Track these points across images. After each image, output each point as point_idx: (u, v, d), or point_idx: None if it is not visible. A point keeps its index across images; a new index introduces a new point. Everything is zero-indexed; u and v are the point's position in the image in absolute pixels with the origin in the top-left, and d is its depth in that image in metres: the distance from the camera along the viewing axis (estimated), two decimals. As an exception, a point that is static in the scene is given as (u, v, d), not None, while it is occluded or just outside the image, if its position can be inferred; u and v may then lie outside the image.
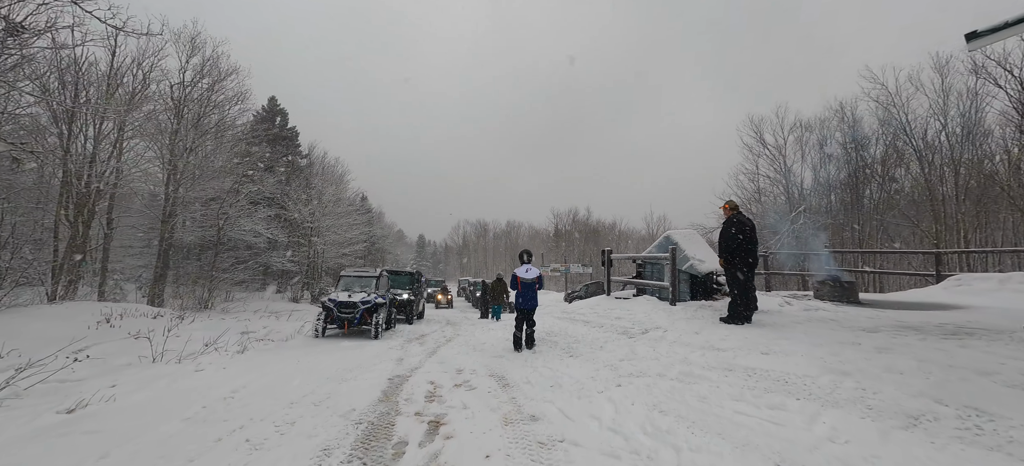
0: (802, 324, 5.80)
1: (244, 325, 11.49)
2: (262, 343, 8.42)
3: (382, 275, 10.74)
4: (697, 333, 5.60)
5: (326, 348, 8.10)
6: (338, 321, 9.31)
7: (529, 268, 6.85)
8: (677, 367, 4.54)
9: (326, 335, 9.57)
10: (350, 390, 4.97)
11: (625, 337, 6.22)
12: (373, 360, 6.80)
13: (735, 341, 5.03)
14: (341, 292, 9.77)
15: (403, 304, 13.15)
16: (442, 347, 8.12)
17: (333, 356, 7.18)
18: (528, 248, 7.02)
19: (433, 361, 6.69)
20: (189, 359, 6.62)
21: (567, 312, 9.20)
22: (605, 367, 5.15)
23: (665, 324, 6.30)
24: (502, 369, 5.78)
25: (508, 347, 7.13)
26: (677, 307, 7.07)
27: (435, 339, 9.39)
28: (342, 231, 22.91)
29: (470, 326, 12.58)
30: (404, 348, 8.13)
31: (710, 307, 7.08)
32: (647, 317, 6.88)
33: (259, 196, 20.10)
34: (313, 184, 23.23)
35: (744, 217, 6.04)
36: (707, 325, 5.93)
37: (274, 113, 32.76)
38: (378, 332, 9.21)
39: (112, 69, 13.55)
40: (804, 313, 6.70)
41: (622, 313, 7.45)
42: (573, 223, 64.26)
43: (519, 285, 6.76)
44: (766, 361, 4.19)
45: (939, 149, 17.55)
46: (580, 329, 7.36)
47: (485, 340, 8.27)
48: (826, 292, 9.04)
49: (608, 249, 9.75)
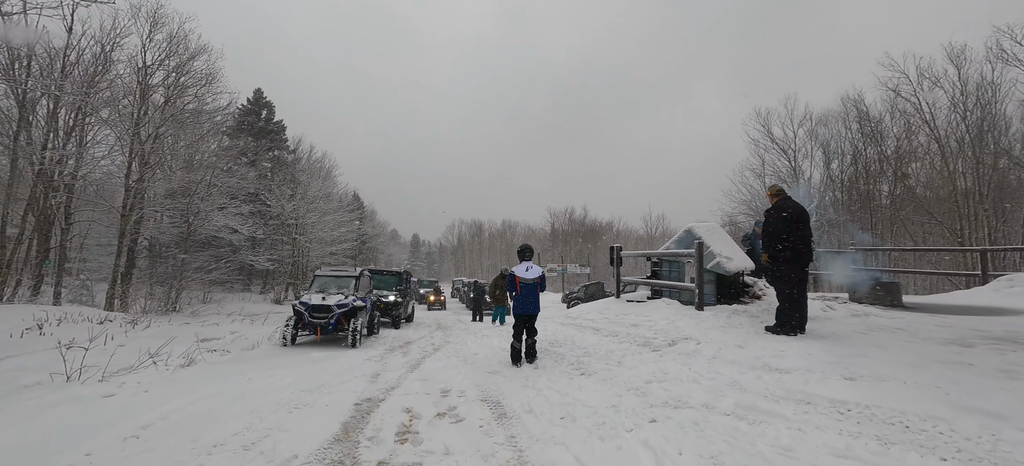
0: (867, 335, 4.73)
1: (211, 330, 10.28)
2: (218, 353, 7.23)
3: (362, 275, 9.57)
4: (741, 347, 4.49)
5: (291, 360, 6.93)
6: (310, 327, 8.14)
7: (530, 266, 5.74)
8: (730, 395, 3.43)
9: (297, 343, 8.39)
10: (300, 423, 3.83)
11: (648, 350, 5.11)
12: (342, 376, 5.65)
13: (796, 359, 3.93)
14: (314, 294, 8.59)
15: (389, 306, 11.98)
16: (428, 358, 6.98)
17: (295, 371, 6.01)
18: (529, 244, 5.88)
19: (415, 377, 5.55)
20: (115, 377, 5.43)
21: (571, 317, 8.08)
22: (630, 391, 4.04)
23: (696, 334, 5.20)
24: (498, 391, 4.66)
25: (504, 359, 6.00)
26: (706, 312, 5.98)
27: (421, 347, 8.24)
28: (328, 228, 21.64)
29: (462, 331, 11.43)
30: (383, 359, 6.98)
31: (744, 312, 5.99)
32: (671, 324, 5.77)
33: (239, 190, 18.82)
34: (298, 179, 21.94)
35: (794, 203, 4.95)
36: (750, 336, 4.83)
37: (260, 106, 31.48)
38: (356, 339, 8.05)
39: (68, 46, 12.29)
40: (858, 320, 5.63)
41: (639, 319, 6.35)
42: (570, 222, 63.26)
43: (518, 286, 5.64)
44: (856, 390, 3.09)
45: (961, 140, 16.61)
46: (590, 338, 6.24)
47: (478, 350, 7.14)
48: (865, 294, 8.01)
49: (618, 246, 8.66)
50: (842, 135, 20.80)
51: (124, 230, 12.14)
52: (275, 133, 30.60)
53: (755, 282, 7.44)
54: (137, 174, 12.20)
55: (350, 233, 25.40)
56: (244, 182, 18.94)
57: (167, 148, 13.35)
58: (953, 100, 16.65)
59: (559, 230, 64.27)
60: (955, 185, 16.16)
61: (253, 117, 30.50)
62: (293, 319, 8.20)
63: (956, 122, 16.70)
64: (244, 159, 24.22)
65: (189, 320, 11.91)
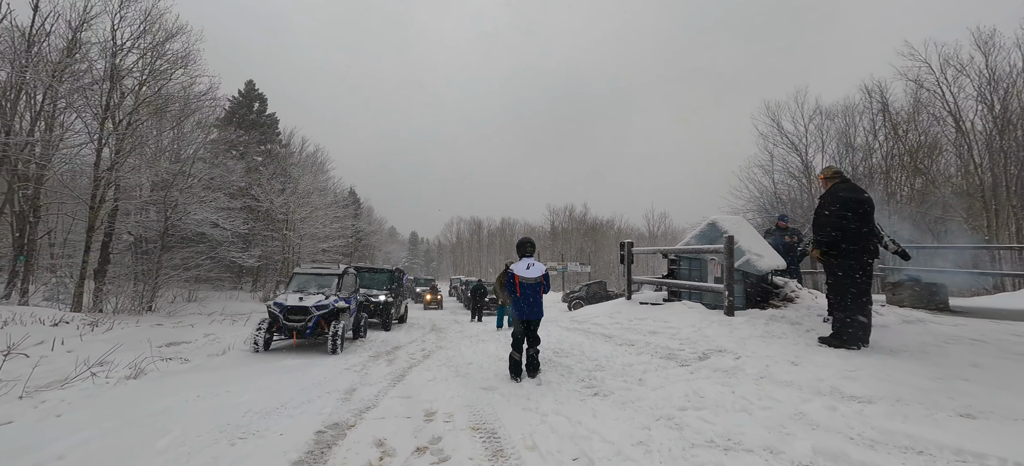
0: (944, 349, 3.88)
1: (183, 332, 9.43)
2: (176, 362, 6.37)
3: (346, 273, 8.70)
4: (795, 364, 3.64)
5: (259, 369, 6.07)
6: (285, 330, 7.28)
7: (531, 263, 4.88)
8: (800, 435, 2.58)
9: (272, 348, 7.53)
10: (239, 463, 2.98)
11: (674, 364, 4.25)
12: (310, 392, 4.79)
13: (875, 383, 3.08)
14: (292, 293, 7.73)
15: (379, 307, 11.13)
16: (416, 367, 6.13)
17: (258, 384, 5.16)
18: (529, 237, 5.00)
19: (397, 394, 4.70)
20: (40, 393, 4.57)
21: (577, 321, 7.23)
22: (659, 421, 3.19)
23: (731, 345, 4.34)
24: (493, 415, 3.81)
25: (502, 371, 5.15)
26: (738, 318, 5.12)
27: (410, 354, 7.39)
28: (320, 224, 20.74)
29: (457, 334, 10.59)
30: (365, 369, 6.12)
31: (782, 318, 5.14)
32: (698, 332, 4.92)
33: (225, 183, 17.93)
34: (289, 173, 21.03)
35: (853, 186, 4.09)
36: (801, 349, 3.98)
37: (252, 98, 30.57)
38: (336, 345, 7.20)
39: (33, 27, 11.40)
40: (917, 329, 4.79)
41: (658, 325, 5.50)
42: (570, 220, 62.40)
43: (517, 287, 4.79)
44: (989, 435, 2.24)
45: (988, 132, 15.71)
46: (601, 347, 5.38)
47: (472, 359, 6.28)
48: (906, 296, 7.17)
49: (629, 241, 7.80)
50: (855, 128, 19.95)
51: (93, 224, 11.26)
52: (267, 126, 29.71)
53: (786, 282, 6.60)
54: (108, 163, 11.31)
55: (343, 229, 24.48)
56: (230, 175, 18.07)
57: (146, 136, 12.46)
58: (979, 90, 15.81)
59: (559, 228, 63.40)
60: (982, 180, 15.32)
61: (244, 109, 29.63)
62: (267, 322, 7.35)
63: (983, 113, 15.86)
64: (234, 152, 23.39)
65: (163, 321, 11.05)
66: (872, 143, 19.81)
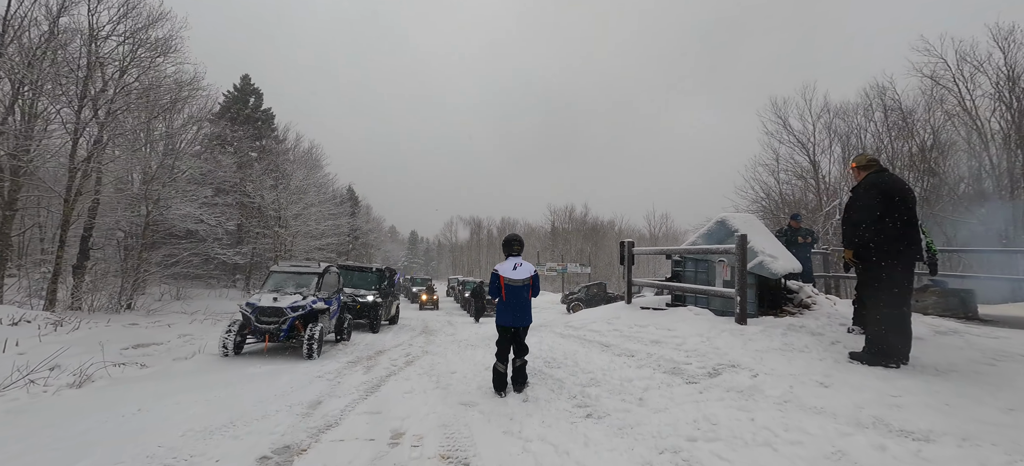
0: (997, 366, 3.33)
1: (157, 333, 8.91)
2: (133, 367, 5.83)
3: (328, 271, 8.14)
4: (825, 385, 3.08)
5: (222, 377, 5.52)
6: (257, 333, 6.74)
7: (518, 263, 4.33)
8: (846, 485, 2.02)
9: (243, 352, 6.99)
10: (148, 503, 2.43)
11: (680, 381, 3.69)
12: (268, 406, 4.25)
13: (928, 413, 2.52)
14: (267, 293, 7.18)
15: (366, 308, 10.58)
16: (395, 376, 5.58)
17: (213, 394, 4.62)
18: (516, 233, 4.43)
19: (365, 409, 4.16)
20: (-41, 404, 4.04)
21: (573, 327, 6.67)
22: (663, 454, 2.63)
23: (745, 359, 3.79)
24: (469, 439, 3.26)
25: (486, 382, 4.60)
26: (751, 327, 4.56)
27: (392, 359, 6.84)
28: (313, 221, 20.20)
29: (448, 338, 10.04)
30: (338, 377, 5.57)
31: (801, 327, 4.57)
32: (706, 343, 4.36)
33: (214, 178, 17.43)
34: (281, 168, 20.50)
35: (893, 177, 3.52)
36: (829, 366, 3.42)
37: (247, 93, 30.11)
38: (312, 349, 6.65)
39: (8, 13, 10.89)
40: (956, 341, 4.23)
41: (661, 333, 4.93)
42: (570, 220, 61.81)
43: (502, 289, 4.24)
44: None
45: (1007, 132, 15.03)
46: (598, 358, 4.83)
47: (457, 367, 5.73)
48: (930, 303, 6.60)
49: (629, 241, 7.23)
50: (863, 127, 19.26)
51: (68, 218, 10.75)
52: (262, 121, 29.23)
53: (800, 287, 6.04)
54: (85, 154, 10.80)
55: (335, 227, 23.94)
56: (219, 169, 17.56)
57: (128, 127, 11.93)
58: (998, 87, 15.18)
59: (559, 229, 62.81)
60: (1001, 181, 14.69)
61: (239, 104, 29.16)
62: (238, 324, 6.81)
63: (1001, 111, 15.23)
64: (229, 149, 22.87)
65: (140, 320, 10.54)
66: (881, 142, 19.18)
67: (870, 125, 19.38)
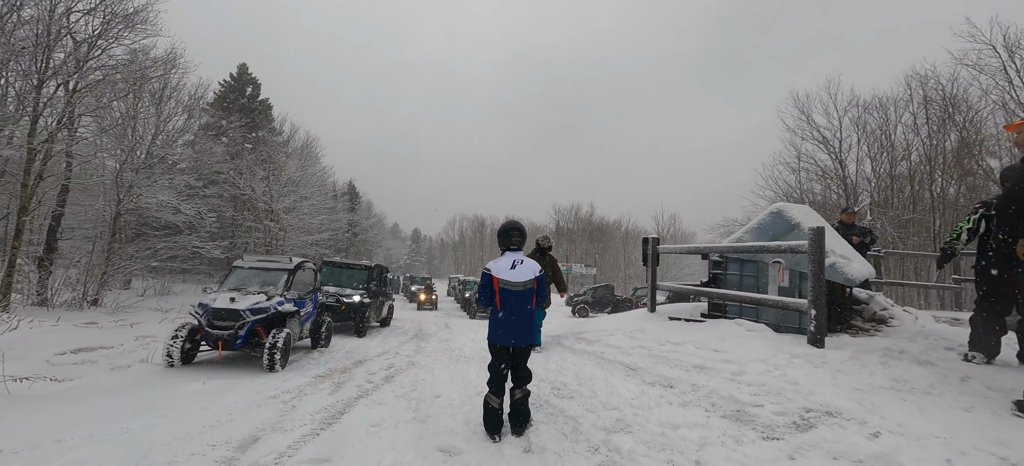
0: None
1: (114, 334, 7.90)
2: (44, 383, 4.77)
3: (302, 268, 7.05)
4: (1003, 460, 1.93)
5: (149, 397, 4.44)
6: (209, 340, 5.66)
7: (518, 260, 3.21)
8: None
9: (194, 361, 5.92)
10: None
11: (752, 434, 2.55)
12: (185, 444, 3.16)
13: None
14: (225, 292, 6.10)
15: (352, 309, 9.50)
16: (364, 399, 4.48)
17: (117, 427, 3.53)
18: (517, 221, 3.23)
19: (310, 456, 3.06)
20: None
21: (586, 339, 5.53)
22: None
23: (842, 403, 2.64)
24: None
25: (476, 416, 3.48)
26: (833, 352, 3.41)
27: (370, 374, 5.75)
28: (305, 215, 19.17)
29: (441, 344, 8.95)
30: (296, 399, 4.48)
31: (900, 353, 3.41)
32: (775, 373, 3.21)
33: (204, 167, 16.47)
34: (274, 159, 19.48)
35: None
36: (989, 420, 2.27)
37: (244, 82, 29.19)
38: (274, 360, 5.57)
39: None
40: None
41: (705, 356, 3.79)
42: (576, 220, 60.57)
43: (496, 296, 3.12)
44: None
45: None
46: (622, 386, 3.70)
47: (444, 390, 4.63)
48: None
49: (654, 237, 6.09)
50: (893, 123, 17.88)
51: (26, 205, 9.75)
52: (259, 111, 28.30)
53: (871, 296, 4.88)
54: (45, 135, 9.79)
55: (332, 221, 22.92)
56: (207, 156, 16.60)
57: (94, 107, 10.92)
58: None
59: (564, 228, 61.57)
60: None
61: (236, 93, 28.24)
62: (187, 328, 5.73)
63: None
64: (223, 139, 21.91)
65: (101, 318, 9.51)
66: (912, 139, 17.85)
67: (904, 117, 17.86)
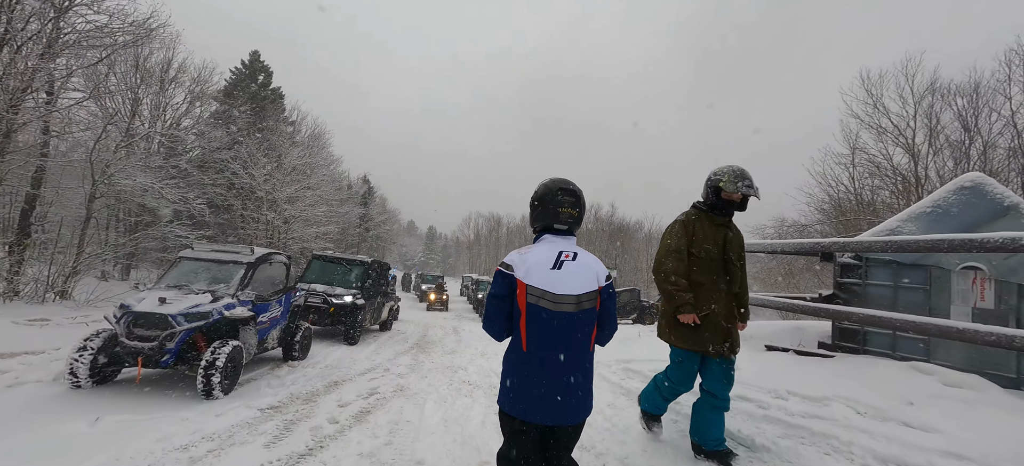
0: None
1: (62, 334, 6.62)
2: None
3: (267, 261, 5.55)
4: None
5: (12, 442, 3.01)
6: (128, 354, 4.21)
7: (567, 253, 1.61)
8: None
9: (114, 380, 4.50)
10: None
11: None
12: None
13: None
14: (155, 291, 4.64)
15: (342, 312, 8.04)
16: (315, 454, 2.96)
17: None
18: (570, 181, 1.45)
19: None
20: None
21: (638, 371, 3.87)
22: None
23: None
24: None
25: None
26: None
27: (341, 405, 4.24)
28: (308, 205, 17.93)
29: (445, 357, 7.42)
30: (218, 452, 2.98)
31: None
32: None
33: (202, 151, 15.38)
34: (277, 146, 18.32)
35: None
36: None
37: (256, 70, 28.31)
38: (211, 383, 4.10)
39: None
40: None
41: (892, 434, 2.10)
42: (595, 220, 58.43)
43: (522, 318, 1.50)
44: None
45: None
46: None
47: (429, 448, 3.07)
48: None
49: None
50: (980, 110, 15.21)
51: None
52: (269, 100, 27.37)
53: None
54: (4, 104, 8.64)
55: (341, 214, 21.69)
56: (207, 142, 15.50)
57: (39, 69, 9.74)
58: None
59: (583, 229, 59.57)
60: None
61: (247, 80, 27.38)
62: (102, 338, 4.29)
63: None
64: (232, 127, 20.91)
65: (56, 314, 8.29)
66: (994, 133, 15.21)
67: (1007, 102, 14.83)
